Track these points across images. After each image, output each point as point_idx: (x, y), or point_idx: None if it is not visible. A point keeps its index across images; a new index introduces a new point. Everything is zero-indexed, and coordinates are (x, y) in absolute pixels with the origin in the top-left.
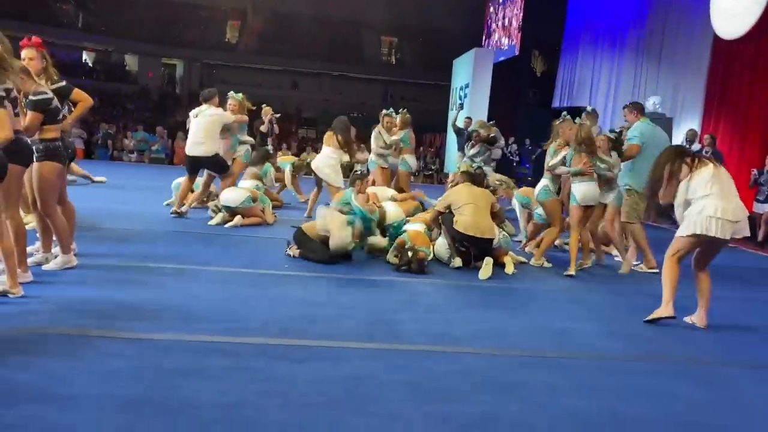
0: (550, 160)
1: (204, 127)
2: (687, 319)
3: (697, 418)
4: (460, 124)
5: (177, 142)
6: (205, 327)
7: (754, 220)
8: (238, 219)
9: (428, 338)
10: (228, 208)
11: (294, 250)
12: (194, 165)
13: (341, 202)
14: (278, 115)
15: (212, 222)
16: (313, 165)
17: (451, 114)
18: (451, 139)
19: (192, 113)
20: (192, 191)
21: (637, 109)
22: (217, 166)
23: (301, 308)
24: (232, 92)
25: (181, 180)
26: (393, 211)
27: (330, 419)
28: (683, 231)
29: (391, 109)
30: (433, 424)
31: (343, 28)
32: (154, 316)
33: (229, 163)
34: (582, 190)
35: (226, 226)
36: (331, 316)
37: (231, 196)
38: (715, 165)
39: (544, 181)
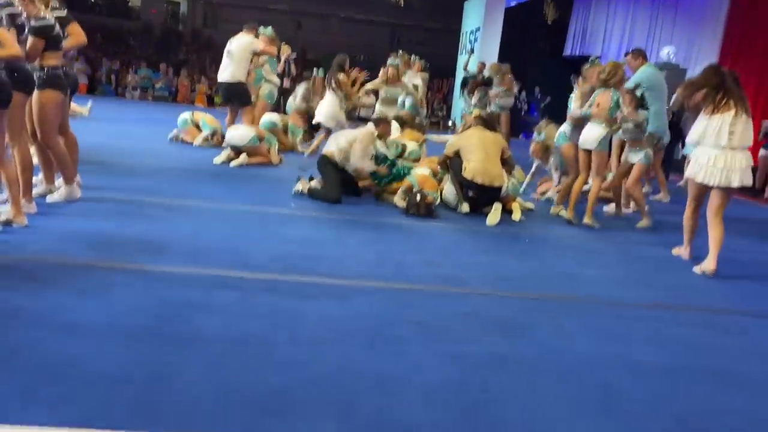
0: (577, 105)
1: (234, 53)
2: (696, 269)
3: (711, 364)
4: (473, 68)
5: (180, 80)
6: (211, 261)
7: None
8: (243, 158)
9: (437, 280)
10: (233, 147)
11: (303, 184)
12: (223, 92)
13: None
14: (295, 55)
15: (217, 160)
16: (320, 119)
17: (461, 58)
18: (460, 84)
19: (228, 43)
20: (199, 130)
21: (642, 54)
22: (239, 94)
23: (307, 247)
24: (261, 27)
25: (187, 115)
26: (410, 144)
27: (339, 355)
28: (690, 172)
29: (398, 57)
30: (442, 363)
31: None
32: (159, 249)
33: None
34: (584, 133)
35: (231, 164)
36: (338, 256)
37: (236, 134)
38: (738, 109)
39: (564, 127)
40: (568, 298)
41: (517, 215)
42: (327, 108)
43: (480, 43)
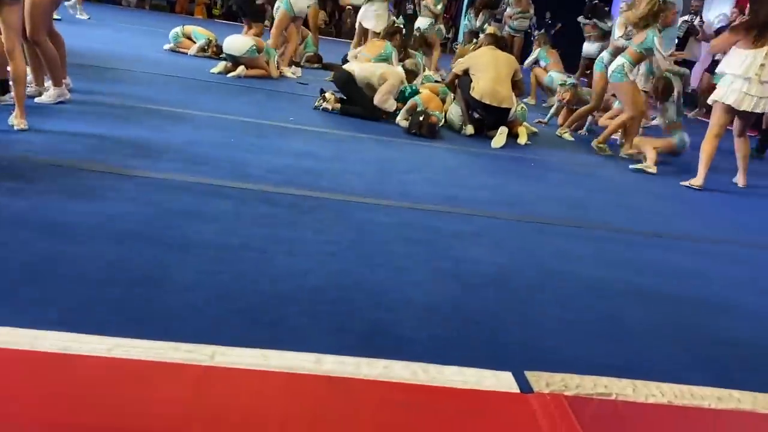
0: (619, 33)
1: None
2: (738, 181)
3: (721, 294)
4: None
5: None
6: (206, 170)
7: None
8: (241, 69)
9: (439, 199)
10: (231, 57)
11: (332, 102)
12: (238, 5)
13: (380, 57)
14: None
15: (214, 70)
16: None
17: None
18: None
19: None
20: (193, 42)
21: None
22: (253, 9)
23: (306, 161)
24: None
25: (177, 29)
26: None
27: (337, 269)
28: (720, 95)
29: None
30: (442, 280)
31: None
32: (152, 155)
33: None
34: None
35: (229, 75)
36: (338, 171)
37: (234, 43)
38: None
39: (621, 60)
40: (575, 224)
41: (523, 139)
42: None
43: None
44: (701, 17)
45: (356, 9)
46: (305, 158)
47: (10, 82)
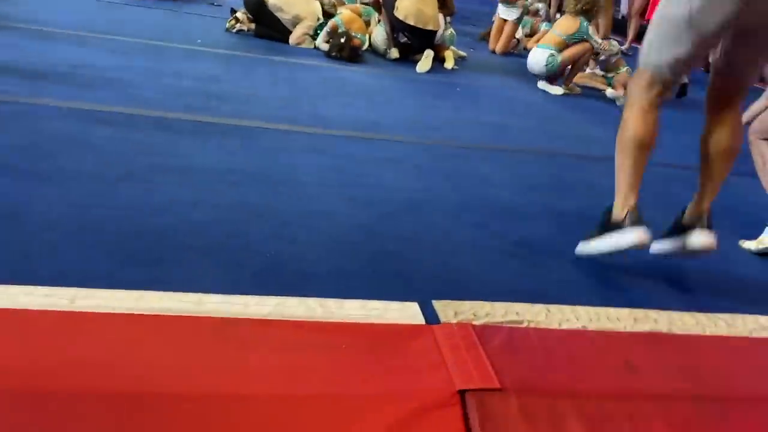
0: None
1: None
2: None
3: None
4: None
5: None
6: (93, 95)
7: None
8: None
9: (356, 124)
10: None
11: (246, 23)
12: None
13: None
14: None
15: None
16: None
17: None
18: None
19: None
20: None
21: None
22: None
23: (211, 85)
24: None
25: None
26: None
27: (233, 199)
28: None
29: None
30: (352, 208)
31: None
32: (30, 79)
33: None
34: None
35: None
36: (246, 96)
37: None
38: None
39: None
40: (495, 147)
41: (450, 63)
42: None
43: None
44: None
45: None
46: (210, 82)
47: None
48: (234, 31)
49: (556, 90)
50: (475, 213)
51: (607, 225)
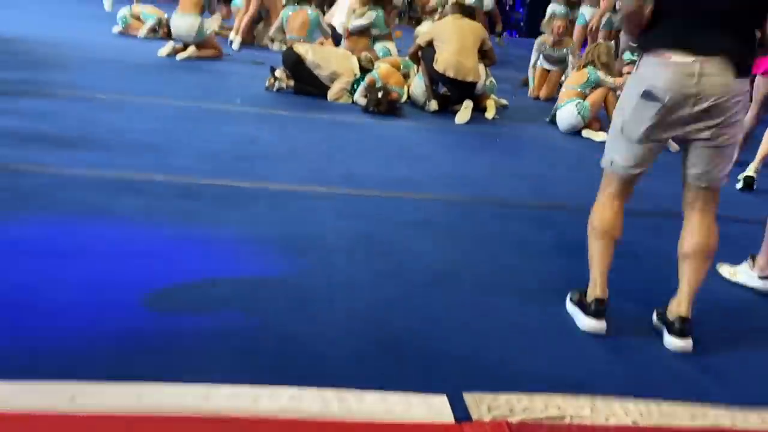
0: None
1: None
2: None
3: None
4: None
5: None
6: (124, 162)
7: None
8: (191, 50)
9: (389, 183)
10: (181, 40)
11: (285, 80)
12: None
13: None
14: None
15: (162, 52)
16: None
17: None
18: None
19: None
20: (141, 21)
21: None
22: None
23: (246, 146)
24: None
25: (125, 11)
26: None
27: (253, 272)
28: None
29: None
30: (379, 281)
31: None
32: (68, 149)
33: None
34: None
35: (178, 57)
36: (279, 156)
37: (183, 25)
38: None
39: None
40: (535, 205)
41: (490, 113)
42: None
43: None
44: None
45: None
46: (245, 144)
47: None
48: (274, 89)
49: (602, 136)
50: (511, 285)
51: (581, 300)
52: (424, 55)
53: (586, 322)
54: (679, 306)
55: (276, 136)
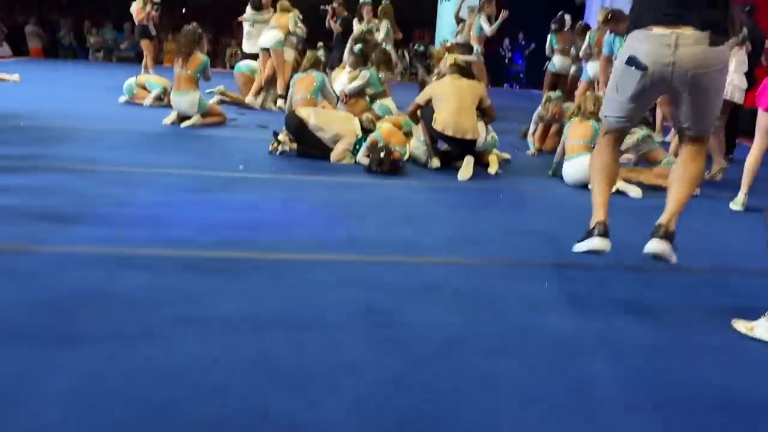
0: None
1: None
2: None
3: (702, 341)
4: (465, 15)
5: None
6: (125, 236)
7: None
8: (195, 118)
9: (392, 247)
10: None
11: (288, 144)
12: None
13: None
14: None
15: (166, 120)
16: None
17: (441, 6)
18: (441, 34)
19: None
20: (147, 90)
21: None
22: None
23: (247, 215)
24: None
25: (131, 80)
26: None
27: (256, 353)
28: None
29: None
30: (385, 354)
31: None
32: (69, 224)
33: None
34: None
35: (182, 125)
36: (282, 224)
37: (184, 101)
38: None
39: None
40: (542, 263)
41: (493, 168)
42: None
43: None
44: None
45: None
46: (247, 211)
47: None
48: (277, 153)
49: (636, 191)
50: (521, 350)
51: (585, 233)
52: (423, 114)
53: (593, 242)
54: (663, 218)
55: (278, 202)
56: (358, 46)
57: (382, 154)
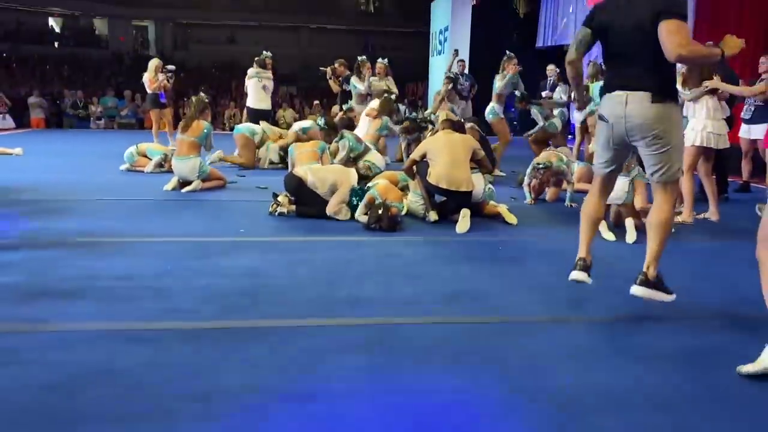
0: None
1: (270, 88)
2: (699, 216)
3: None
4: (456, 70)
5: (146, 106)
6: (127, 310)
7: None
8: (196, 183)
9: (393, 306)
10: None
11: (287, 206)
12: (253, 116)
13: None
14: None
15: (167, 186)
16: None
17: (432, 60)
18: (434, 88)
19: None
20: (148, 158)
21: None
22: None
23: (248, 281)
24: (264, 52)
25: (132, 148)
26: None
27: (260, 416)
28: (688, 143)
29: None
30: (387, 419)
31: None
32: (69, 301)
33: None
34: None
35: (183, 190)
36: (282, 289)
37: (185, 167)
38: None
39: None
40: (543, 319)
41: (510, 219)
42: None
43: (450, 42)
44: None
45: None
46: (247, 277)
47: None
48: (276, 214)
49: (631, 233)
50: (527, 410)
51: (573, 265)
52: (419, 169)
53: (573, 274)
54: (645, 264)
55: (279, 266)
56: (321, 120)
57: (380, 211)
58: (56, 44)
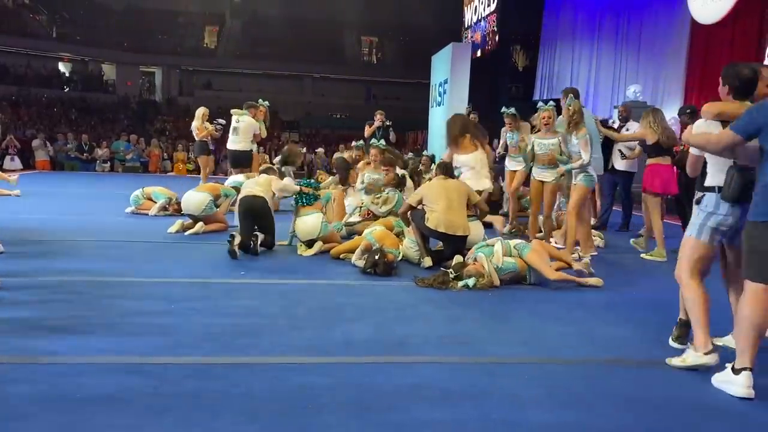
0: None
1: (240, 129)
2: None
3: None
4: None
5: (151, 149)
6: (132, 346)
7: None
8: (198, 226)
9: (385, 347)
10: (190, 215)
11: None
12: (232, 158)
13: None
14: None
15: (171, 229)
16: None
17: (432, 111)
18: (433, 136)
19: (234, 120)
20: (153, 201)
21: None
22: (246, 159)
23: (247, 320)
24: (260, 100)
25: (138, 192)
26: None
27: None
28: None
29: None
30: None
31: (324, 29)
32: (75, 337)
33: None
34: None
35: (186, 233)
36: (280, 328)
37: (191, 202)
38: None
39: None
40: (525, 361)
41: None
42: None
43: (449, 94)
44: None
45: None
46: (247, 317)
47: None
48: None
49: (596, 280)
50: None
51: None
52: (414, 215)
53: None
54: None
55: (277, 306)
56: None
57: (376, 257)
58: (65, 88)
